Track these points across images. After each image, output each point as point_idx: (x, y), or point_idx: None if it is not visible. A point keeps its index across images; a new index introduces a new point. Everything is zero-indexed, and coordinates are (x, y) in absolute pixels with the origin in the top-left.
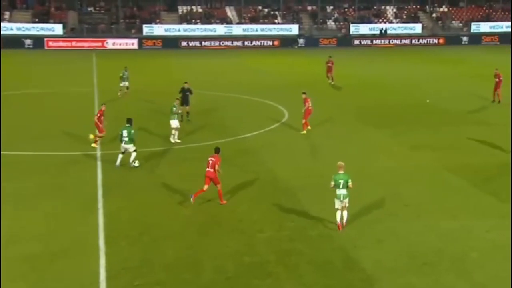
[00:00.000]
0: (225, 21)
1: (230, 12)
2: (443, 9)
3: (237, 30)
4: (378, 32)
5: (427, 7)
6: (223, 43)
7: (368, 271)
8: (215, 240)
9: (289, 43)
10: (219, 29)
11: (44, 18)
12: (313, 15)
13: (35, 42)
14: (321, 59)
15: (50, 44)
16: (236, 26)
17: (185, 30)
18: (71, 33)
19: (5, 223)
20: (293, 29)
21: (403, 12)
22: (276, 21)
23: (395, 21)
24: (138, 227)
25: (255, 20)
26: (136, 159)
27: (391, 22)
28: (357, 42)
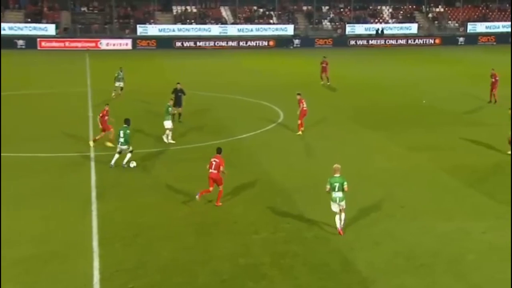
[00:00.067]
0: (220, 21)
1: (225, 12)
2: (439, 9)
3: (232, 30)
4: (374, 32)
5: (423, 7)
6: (218, 44)
7: (364, 273)
8: (210, 242)
9: (285, 43)
10: (214, 29)
11: (36, 18)
12: (309, 15)
13: (27, 42)
14: (316, 59)
15: (43, 44)
16: (231, 26)
17: (180, 30)
18: (64, 33)
19: None
20: (289, 29)
21: (399, 12)
22: (271, 21)
23: (391, 21)
24: (132, 228)
25: (250, 20)
26: (131, 160)
27: (387, 22)
28: (353, 42)
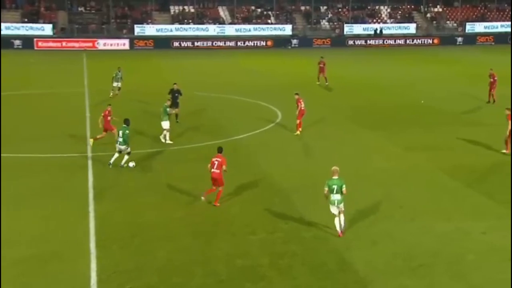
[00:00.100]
0: (218, 21)
1: (222, 12)
2: (438, 9)
3: (230, 30)
4: (372, 32)
5: (422, 7)
6: (215, 44)
7: (362, 273)
8: (208, 242)
9: (283, 43)
10: (212, 29)
11: (33, 18)
12: (307, 15)
13: (24, 42)
14: (314, 59)
15: (40, 44)
16: (228, 26)
17: (177, 29)
18: (61, 33)
19: None
20: (287, 29)
21: (397, 12)
22: (269, 21)
23: (389, 21)
24: (130, 229)
25: (248, 20)
26: (130, 160)
27: (385, 22)
28: (351, 42)
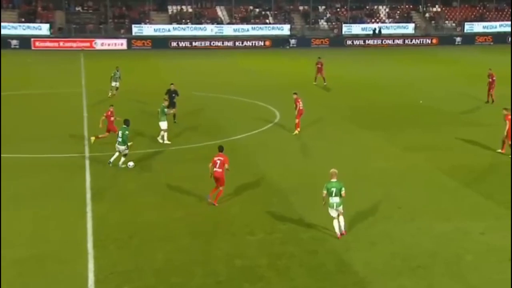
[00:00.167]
0: (216, 21)
1: (220, 12)
2: (436, 9)
3: (228, 30)
4: (371, 32)
5: (420, 7)
6: (213, 44)
7: (361, 274)
8: (206, 243)
9: (281, 43)
10: (210, 29)
11: (30, 18)
12: (305, 15)
13: (21, 42)
14: (313, 59)
15: (37, 44)
16: (227, 26)
17: (175, 29)
18: (59, 33)
19: None
20: (285, 29)
21: (396, 12)
22: (267, 21)
23: (387, 21)
24: (127, 230)
25: (246, 20)
26: (126, 162)
27: (383, 22)
28: (349, 42)
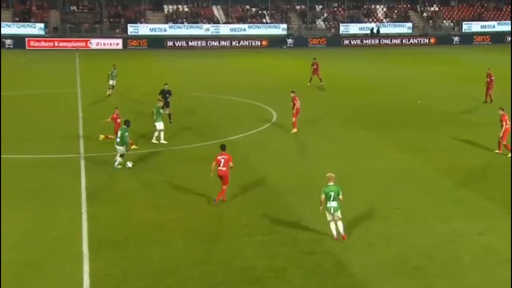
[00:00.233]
0: (212, 20)
1: (217, 11)
2: (434, 8)
3: (225, 29)
4: (368, 32)
5: (418, 6)
6: (210, 43)
7: (358, 275)
8: (203, 244)
9: (278, 43)
10: (206, 29)
11: (25, 17)
12: (302, 15)
13: (15, 42)
14: (310, 59)
15: (31, 44)
16: (223, 25)
17: (171, 28)
18: (53, 32)
19: None
20: (282, 29)
21: (394, 11)
22: (264, 20)
23: (385, 20)
24: (123, 231)
25: (242, 19)
26: (123, 163)
27: (381, 21)
28: (347, 42)
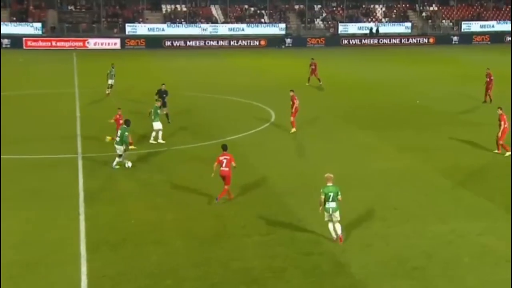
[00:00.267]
0: (211, 20)
1: (215, 11)
2: (433, 8)
3: (223, 29)
4: (367, 31)
5: (417, 6)
6: (208, 43)
7: (356, 275)
8: (201, 245)
9: (276, 43)
10: (204, 29)
11: (22, 16)
12: (301, 14)
13: (13, 41)
14: (308, 59)
15: (29, 43)
16: (221, 25)
17: (169, 28)
18: (51, 32)
19: None
20: (280, 29)
21: (392, 11)
22: (262, 20)
23: (384, 20)
24: (120, 232)
25: (241, 19)
26: (119, 163)
27: (380, 21)
28: (345, 41)
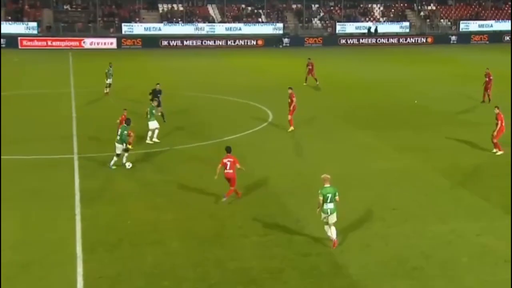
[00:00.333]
0: (208, 19)
1: (212, 10)
2: (431, 7)
3: (220, 29)
4: (365, 31)
5: (415, 5)
6: (205, 43)
7: (355, 276)
8: (198, 245)
9: (274, 42)
10: (201, 28)
11: (17, 16)
12: (298, 14)
13: (8, 41)
14: (306, 59)
15: (24, 43)
16: (218, 25)
17: (166, 27)
18: (47, 32)
19: None
20: (278, 28)
21: (390, 10)
22: (260, 19)
23: (382, 19)
24: (117, 233)
25: (238, 18)
26: (119, 162)
27: (378, 20)
28: (343, 41)
